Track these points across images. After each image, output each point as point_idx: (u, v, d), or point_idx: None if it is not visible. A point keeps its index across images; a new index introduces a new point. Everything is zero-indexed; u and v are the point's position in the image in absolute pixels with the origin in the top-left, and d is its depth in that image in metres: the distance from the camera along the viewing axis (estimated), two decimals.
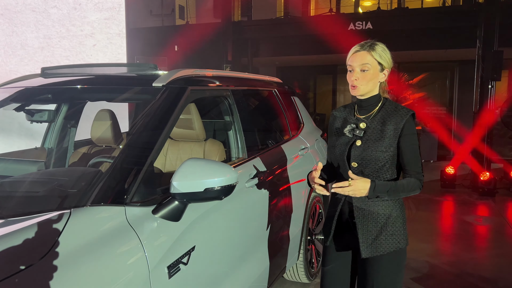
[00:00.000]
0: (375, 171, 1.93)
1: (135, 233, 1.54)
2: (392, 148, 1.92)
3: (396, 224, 1.95)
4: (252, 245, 2.45)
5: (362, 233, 1.95)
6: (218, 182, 1.72)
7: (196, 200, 1.73)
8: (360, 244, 1.95)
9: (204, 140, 2.82)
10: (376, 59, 1.93)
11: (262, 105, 3.34)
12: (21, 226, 1.35)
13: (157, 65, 2.45)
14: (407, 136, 1.91)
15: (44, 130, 3.11)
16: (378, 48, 1.95)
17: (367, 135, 1.95)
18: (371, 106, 2.00)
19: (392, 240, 1.94)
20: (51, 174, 1.95)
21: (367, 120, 1.99)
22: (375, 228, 1.94)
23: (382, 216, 1.95)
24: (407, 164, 1.92)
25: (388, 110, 1.97)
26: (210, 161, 1.81)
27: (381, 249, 1.94)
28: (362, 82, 1.93)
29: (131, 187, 1.64)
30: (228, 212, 2.18)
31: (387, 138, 1.92)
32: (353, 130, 1.98)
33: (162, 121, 1.94)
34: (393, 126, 1.92)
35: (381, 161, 1.92)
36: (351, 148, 1.98)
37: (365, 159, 1.93)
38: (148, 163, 1.75)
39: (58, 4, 5.26)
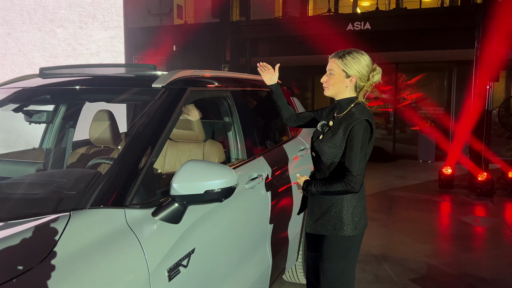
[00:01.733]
0: (326, 164, 2.21)
1: (135, 236, 1.53)
2: (342, 147, 2.15)
3: (338, 212, 2.18)
4: (252, 246, 2.44)
5: (309, 213, 2.32)
6: (219, 184, 1.71)
7: (196, 202, 1.72)
8: (305, 220, 2.33)
9: (203, 141, 2.81)
10: (340, 66, 2.18)
11: (261, 105, 3.33)
12: (20, 229, 1.33)
13: (156, 65, 2.44)
14: (350, 139, 2.11)
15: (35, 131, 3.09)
16: (349, 57, 2.17)
17: (328, 132, 2.23)
18: (344, 107, 2.24)
19: (330, 224, 2.20)
20: (49, 176, 1.93)
21: (336, 119, 2.25)
22: (318, 211, 2.25)
23: (326, 202, 2.22)
24: (345, 164, 2.11)
25: (349, 113, 2.18)
26: (210, 163, 1.81)
27: (320, 230, 2.24)
28: (327, 85, 2.23)
29: (130, 189, 1.63)
30: (228, 214, 2.17)
31: (338, 137, 2.16)
32: (322, 126, 2.30)
33: (162, 122, 1.93)
34: (344, 128, 2.15)
35: (330, 156, 2.18)
36: (315, 140, 2.30)
37: (320, 151, 2.23)
38: (148, 164, 1.74)
39: (64, 24, 5.40)
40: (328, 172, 2.21)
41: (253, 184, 2.46)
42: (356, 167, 2.07)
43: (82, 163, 2.97)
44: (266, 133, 3.24)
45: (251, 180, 2.46)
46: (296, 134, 3.69)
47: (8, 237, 1.29)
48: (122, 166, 1.68)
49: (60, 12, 5.36)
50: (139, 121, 2.01)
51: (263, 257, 2.59)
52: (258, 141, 2.89)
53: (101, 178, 1.66)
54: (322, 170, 2.25)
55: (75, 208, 1.48)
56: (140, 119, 2.05)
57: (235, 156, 2.65)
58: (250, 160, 2.63)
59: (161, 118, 1.95)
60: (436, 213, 6.38)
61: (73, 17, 5.40)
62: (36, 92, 2.53)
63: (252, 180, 2.47)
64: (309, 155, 3.61)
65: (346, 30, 8.56)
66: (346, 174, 2.08)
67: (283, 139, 3.43)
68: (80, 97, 2.56)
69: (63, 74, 2.65)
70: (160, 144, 1.85)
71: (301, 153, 3.44)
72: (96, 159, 2.07)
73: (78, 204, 1.52)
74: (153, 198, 1.73)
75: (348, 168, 2.08)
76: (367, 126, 2.11)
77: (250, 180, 2.46)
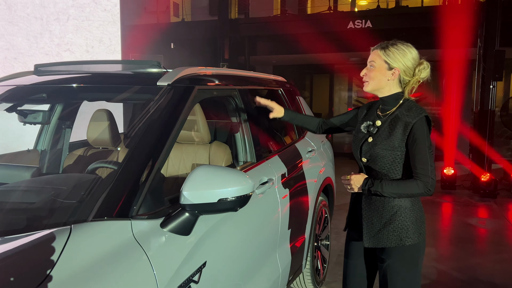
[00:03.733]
0: (384, 169, 1.98)
1: (142, 251, 1.37)
2: (401, 148, 1.94)
3: (403, 221, 1.97)
4: (263, 255, 2.29)
5: (366, 225, 2.04)
6: (233, 192, 1.55)
7: (208, 212, 1.56)
8: (363, 234, 2.05)
9: (208, 143, 2.65)
10: (382, 57, 1.98)
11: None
12: (13, 246, 1.17)
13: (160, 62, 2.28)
14: (414, 139, 1.91)
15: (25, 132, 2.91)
16: (392, 48, 1.98)
17: (379, 133, 2.01)
18: (390, 105, 2.03)
19: (395, 235, 1.97)
20: (46, 182, 1.76)
21: (384, 118, 2.03)
22: (379, 222, 2.01)
23: (388, 211, 1.98)
24: (413, 166, 1.91)
25: (403, 110, 1.99)
26: (222, 168, 1.65)
27: (383, 242, 1.99)
28: (368, 78, 2.04)
29: (137, 197, 1.47)
30: (239, 222, 2.01)
31: (395, 138, 1.95)
32: (368, 127, 2.06)
33: (169, 123, 1.77)
34: (402, 127, 1.94)
35: (387, 159, 1.96)
36: (363, 143, 2.05)
37: (373, 155, 1.99)
38: (155, 170, 1.58)
39: (71, 47, 5.36)
40: (389, 177, 1.97)
41: (264, 189, 2.31)
42: (430, 168, 1.87)
43: (80, 165, 2.81)
44: (274, 134, 3.09)
45: (261, 185, 2.31)
46: (303, 134, 3.54)
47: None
48: (128, 172, 1.52)
49: (67, 36, 5.32)
50: (142, 122, 1.85)
51: (273, 266, 2.44)
52: (267, 143, 2.74)
53: (104, 185, 1.50)
54: (379, 176, 2.00)
55: (76, 221, 1.31)
56: (144, 120, 1.89)
57: (243, 159, 2.50)
58: (259, 163, 2.48)
59: (168, 118, 1.79)
60: (441, 215, 6.26)
61: (80, 41, 5.36)
62: (30, 91, 2.36)
63: (262, 184, 2.32)
64: (316, 158, 3.48)
65: (347, 29, 8.41)
66: (419, 176, 1.88)
67: (291, 140, 3.27)
68: (79, 96, 2.39)
69: (59, 72, 2.48)
70: (168, 147, 1.69)
71: (309, 155, 3.30)
72: (96, 162, 1.91)
73: (79, 215, 1.36)
74: (161, 207, 1.57)
75: (421, 170, 1.87)
76: (427, 122, 1.92)
77: (260, 185, 2.31)
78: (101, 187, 1.50)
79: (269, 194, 2.41)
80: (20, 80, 2.42)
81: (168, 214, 1.57)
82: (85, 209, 1.38)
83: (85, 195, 1.51)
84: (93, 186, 1.55)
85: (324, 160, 3.66)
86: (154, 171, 1.58)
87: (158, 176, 1.60)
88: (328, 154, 3.90)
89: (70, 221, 1.32)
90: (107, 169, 1.93)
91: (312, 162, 3.29)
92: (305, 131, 3.61)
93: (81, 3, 5.33)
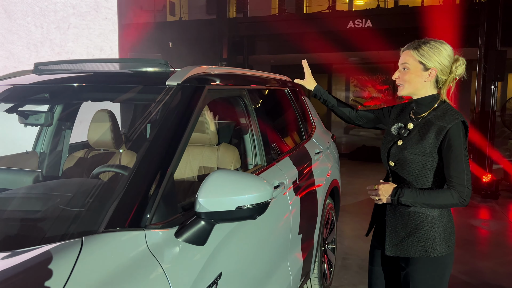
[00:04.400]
0: (412, 175, 1.86)
1: (158, 264, 1.27)
2: (433, 154, 1.82)
3: (429, 231, 1.85)
4: (275, 263, 2.20)
5: (389, 232, 1.94)
6: (252, 199, 1.45)
7: (225, 220, 1.46)
8: (386, 241, 1.94)
9: (216, 145, 2.55)
10: (416, 58, 1.86)
11: (276, 106, 3.08)
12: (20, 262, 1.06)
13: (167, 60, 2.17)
14: (449, 145, 1.79)
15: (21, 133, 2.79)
16: (425, 46, 1.86)
17: (410, 136, 1.89)
18: (425, 107, 1.91)
19: (419, 245, 1.86)
20: (50, 188, 1.65)
21: (417, 121, 1.91)
22: (403, 230, 1.90)
23: (414, 220, 1.87)
24: (447, 175, 1.80)
25: (438, 113, 1.86)
26: (239, 173, 1.55)
27: (406, 252, 1.89)
28: (402, 81, 1.91)
29: (150, 205, 1.37)
30: (251, 230, 1.91)
31: (427, 143, 1.83)
32: (399, 129, 1.95)
33: (181, 125, 1.67)
34: (436, 131, 1.82)
35: (417, 165, 1.84)
36: (392, 146, 1.94)
37: (401, 159, 1.88)
38: (168, 175, 1.48)
39: (71, 56, 5.28)
40: (416, 184, 1.85)
41: (276, 194, 2.22)
42: (465, 177, 1.75)
43: (81, 168, 2.70)
44: (283, 135, 2.99)
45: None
46: (310, 136, 3.45)
47: (5, 275, 1.01)
48: (140, 177, 1.42)
49: (68, 45, 5.24)
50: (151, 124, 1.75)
51: (284, 273, 2.34)
52: (276, 145, 2.64)
53: (114, 191, 1.40)
54: (406, 182, 1.88)
55: (87, 232, 1.21)
56: (153, 121, 1.79)
57: (253, 161, 2.40)
58: (269, 166, 2.38)
59: (179, 120, 1.69)
60: None
61: (81, 50, 5.28)
62: (30, 90, 2.25)
63: (274, 189, 2.22)
64: (324, 160, 3.39)
65: (347, 28, 8.33)
66: (454, 185, 1.75)
67: (299, 142, 3.18)
68: (81, 96, 2.28)
69: (61, 70, 2.37)
70: (180, 150, 1.59)
71: (317, 156, 3.20)
72: (102, 166, 1.80)
73: (89, 225, 1.25)
74: (175, 215, 1.47)
75: (456, 179, 1.75)
76: (464, 128, 1.80)
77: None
78: (111, 194, 1.40)
79: (280, 199, 2.31)
80: (19, 79, 2.30)
81: (182, 223, 1.47)
82: (95, 219, 1.28)
83: (94, 202, 1.41)
84: (102, 193, 1.44)
85: (331, 162, 3.57)
86: (168, 176, 1.48)
87: (171, 181, 1.50)
88: (334, 156, 3.82)
89: (80, 232, 1.21)
90: (113, 173, 1.82)
91: (320, 164, 3.20)
92: (311, 131, 3.52)
93: (81, 11, 5.25)
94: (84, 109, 2.95)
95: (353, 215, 5.84)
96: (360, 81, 11.95)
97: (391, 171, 1.95)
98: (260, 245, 2.01)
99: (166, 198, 1.44)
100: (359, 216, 5.82)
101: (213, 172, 1.49)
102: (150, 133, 1.65)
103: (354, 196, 6.96)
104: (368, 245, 2.18)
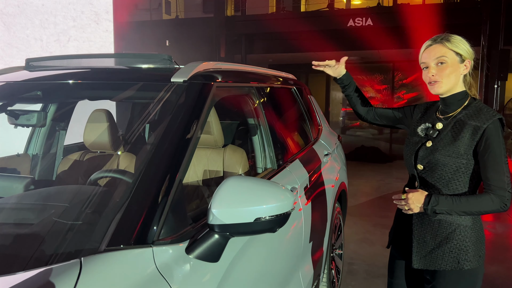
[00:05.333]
0: (444, 179, 1.70)
1: (167, 285, 1.10)
2: (468, 156, 1.67)
3: (462, 241, 1.70)
4: (288, 274, 2.04)
5: (417, 243, 1.78)
6: (272, 210, 1.28)
7: (242, 233, 1.29)
8: (413, 253, 1.78)
9: (222, 147, 2.38)
10: (453, 49, 1.71)
11: (284, 105, 2.92)
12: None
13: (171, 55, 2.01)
14: (486, 145, 1.62)
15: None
16: (453, 38, 1.72)
17: (440, 137, 1.74)
18: (454, 105, 1.76)
19: (451, 257, 1.70)
20: (44, 197, 1.47)
21: (446, 121, 1.76)
22: (432, 240, 1.74)
23: (445, 229, 1.72)
24: (485, 178, 1.64)
25: (470, 112, 1.70)
26: (256, 180, 1.38)
27: (436, 265, 1.73)
28: (441, 77, 1.72)
29: (157, 218, 1.20)
30: (266, 241, 1.75)
31: (461, 144, 1.67)
32: (427, 129, 1.79)
33: (190, 126, 1.50)
34: (471, 131, 1.67)
35: (450, 168, 1.68)
36: (420, 148, 1.78)
37: (432, 162, 1.72)
38: (177, 182, 1.31)
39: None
40: (447, 189, 1.70)
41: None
42: (506, 179, 1.59)
43: (76, 171, 2.52)
44: (293, 135, 2.83)
45: None
46: (318, 136, 3.29)
47: None
48: (146, 185, 1.24)
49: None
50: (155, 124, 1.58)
51: (296, 285, 2.18)
52: (286, 146, 2.48)
53: (116, 201, 1.23)
54: (436, 187, 1.72)
55: (86, 250, 1.04)
56: (157, 121, 1.62)
57: (262, 165, 2.23)
58: (280, 170, 2.22)
59: (187, 120, 1.52)
60: None
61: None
62: (21, 88, 2.07)
63: None
64: (332, 162, 3.23)
65: (347, 26, 8.20)
66: (494, 189, 1.60)
67: (308, 142, 3.02)
68: (78, 94, 2.11)
69: (55, 67, 2.19)
70: (190, 154, 1.42)
71: (326, 159, 3.05)
72: (101, 172, 1.62)
73: (89, 242, 1.08)
74: (185, 228, 1.30)
75: (495, 183, 1.60)
76: (501, 126, 1.65)
77: None
78: (112, 204, 1.23)
79: (296, 206, 2.15)
80: (9, 76, 2.12)
81: (193, 237, 1.30)
82: (95, 234, 1.11)
83: (93, 214, 1.24)
84: (102, 203, 1.27)
85: (339, 164, 3.42)
86: (177, 182, 1.31)
87: (180, 189, 1.33)
88: (342, 158, 3.67)
89: (78, 250, 1.04)
90: (114, 179, 1.64)
91: (329, 166, 3.04)
92: (318, 132, 3.36)
93: (82, 24, 5.08)
94: (79, 108, 2.78)
95: (355, 218, 5.69)
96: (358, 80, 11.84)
97: (419, 176, 1.78)
98: (273, 258, 1.85)
99: (175, 208, 1.28)
100: (362, 218, 5.67)
101: (227, 179, 1.33)
102: (154, 135, 1.48)
103: (354, 197, 6.81)
104: (374, 249, 2.02)
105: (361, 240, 4.82)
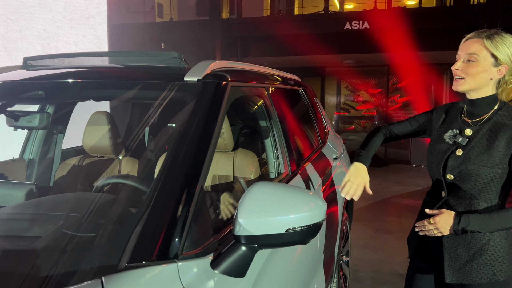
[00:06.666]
0: (476, 189, 1.59)
1: None
2: (503, 165, 1.56)
3: (497, 252, 1.60)
4: (305, 283, 1.92)
5: (449, 256, 1.66)
6: (303, 220, 1.17)
7: (272, 245, 1.17)
8: (445, 267, 1.66)
9: (231, 150, 2.26)
10: (490, 49, 1.55)
11: (294, 107, 2.81)
12: None
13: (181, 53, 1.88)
14: None
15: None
16: (498, 38, 1.57)
17: (471, 145, 1.61)
18: (483, 109, 1.63)
19: (486, 269, 1.60)
20: (50, 207, 1.34)
21: (475, 126, 1.63)
22: (465, 253, 1.63)
23: (478, 240, 1.60)
24: None
25: (503, 117, 1.59)
26: (284, 187, 1.26)
27: (471, 278, 1.62)
28: (464, 75, 1.59)
29: (179, 230, 1.07)
30: (288, 252, 1.63)
31: (496, 152, 1.56)
32: (455, 136, 1.66)
33: (208, 128, 1.38)
34: (506, 138, 1.56)
35: (483, 178, 1.57)
36: (449, 157, 1.65)
37: (464, 172, 1.60)
38: (198, 190, 1.18)
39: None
40: (479, 198, 1.59)
41: None
42: None
43: (74, 177, 2.38)
44: (305, 139, 2.72)
45: None
46: (325, 140, 3.19)
47: None
48: (166, 194, 1.12)
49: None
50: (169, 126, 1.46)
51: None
52: (299, 149, 2.37)
53: (132, 212, 1.10)
54: (466, 198, 1.61)
55: (107, 268, 0.91)
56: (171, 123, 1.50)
57: (275, 170, 2.12)
58: (294, 175, 2.11)
59: (205, 122, 1.40)
60: None
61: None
62: (18, 88, 1.94)
63: None
64: (341, 166, 3.13)
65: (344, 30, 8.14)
66: None
67: (317, 146, 2.91)
68: (81, 95, 1.97)
69: (54, 66, 2.06)
70: (209, 158, 1.30)
71: (335, 163, 2.94)
72: (109, 177, 1.49)
73: (108, 258, 0.95)
74: (209, 240, 1.18)
75: None
76: None
77: None
78: (130, 215, 1.10)
79: None
80: (5, 75, 1.98)
81: (217, 249, 1.17)
82: (113, 249, 0.98)
83: (109, 225, 1.11)
84: (117, 213, 1.14)
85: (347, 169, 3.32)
86: (198, 190, 1.18)
87: (201, 196, 1.21)
88: (348, 161, 3.57)
89: (96, 268, 0.91)
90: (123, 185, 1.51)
91: (339, 171, 2.94)
92: (325, 135, 3.26)
93: (84, 49, 5.01)
94: (78, 110, 2.64)
95: (356, 222, 5.59)
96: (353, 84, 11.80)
97: (447, 185, 1.66)
98: (293, 269, 1.73)
99: (198, 218, 1.15)
100: (363, 223, 5.58)
101: (253, 186, 1.21)
102: (170, 138, 1.36)
103: (353, 202, 6.72)
104: (377, 255, 1.91)
105: (364, 245, 4.72)
